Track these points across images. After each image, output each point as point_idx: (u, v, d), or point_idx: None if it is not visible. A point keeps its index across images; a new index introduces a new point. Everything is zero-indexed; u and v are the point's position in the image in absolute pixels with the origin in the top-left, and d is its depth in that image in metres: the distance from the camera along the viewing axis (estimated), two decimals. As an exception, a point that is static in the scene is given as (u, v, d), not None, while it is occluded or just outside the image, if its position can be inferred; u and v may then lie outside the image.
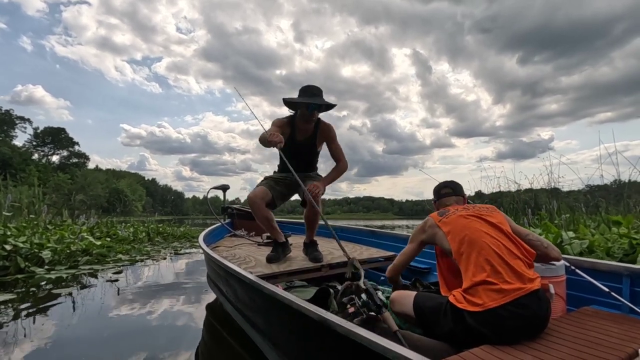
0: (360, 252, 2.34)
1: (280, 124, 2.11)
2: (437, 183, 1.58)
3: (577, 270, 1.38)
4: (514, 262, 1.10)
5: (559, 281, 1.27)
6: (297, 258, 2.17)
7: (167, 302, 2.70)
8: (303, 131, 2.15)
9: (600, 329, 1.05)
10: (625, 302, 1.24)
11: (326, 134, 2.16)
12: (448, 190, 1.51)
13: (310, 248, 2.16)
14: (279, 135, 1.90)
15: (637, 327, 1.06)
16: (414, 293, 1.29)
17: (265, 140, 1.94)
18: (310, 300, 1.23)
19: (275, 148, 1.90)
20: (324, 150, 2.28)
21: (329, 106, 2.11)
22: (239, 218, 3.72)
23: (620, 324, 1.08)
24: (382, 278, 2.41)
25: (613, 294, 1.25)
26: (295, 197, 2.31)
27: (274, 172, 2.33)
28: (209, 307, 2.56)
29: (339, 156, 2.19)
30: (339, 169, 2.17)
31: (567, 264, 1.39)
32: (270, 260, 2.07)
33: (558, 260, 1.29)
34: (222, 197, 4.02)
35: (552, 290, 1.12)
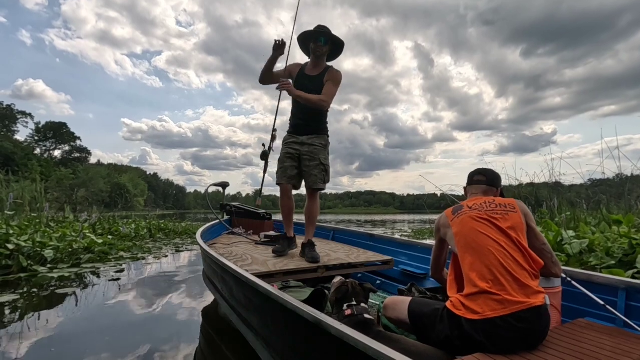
0: (358, 255, 2.34)
1: (292, 65, 2.27)
2: (433, 185, 1.60)
3: (573, 282, 1.37)
4: (520, 273, 1.07)
5: (554, 292, 1.26)
6: (294, 258, 2.18)
7: (167, 301, 2.73)
8: (312, 70, 2.24)
9: (594, 342, 1.05)
10: (620, 315, 1.23)
11: (331, 75, 2.20)
12: (481, 178, 1.41)
13: (307, 248, 2.17)
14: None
15: (631, 341, 1.05)
16: (408, 299, 1.27)
17: (264, 68, 2.19)
18: (305, 302, 1.24)
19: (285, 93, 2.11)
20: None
21: (337, 43, 2.22)
22: (238, 216, 3.73)
23: (614, 338, 1.08)
24: (378, 282, 2.42)
25: (608, 307, 1.25)
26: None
27: (287, 132, 2.35)
28: (206, 306, 2.59)
29: (326, 94, 2.16)
30: (318, 98, 2.13)
31: (564, 276, 1.38)
32: (276, 252, 2.21)
33: (557, 277, 1.28)
34: (223, 194, 4.03)
35: (548, 301, 1.12)
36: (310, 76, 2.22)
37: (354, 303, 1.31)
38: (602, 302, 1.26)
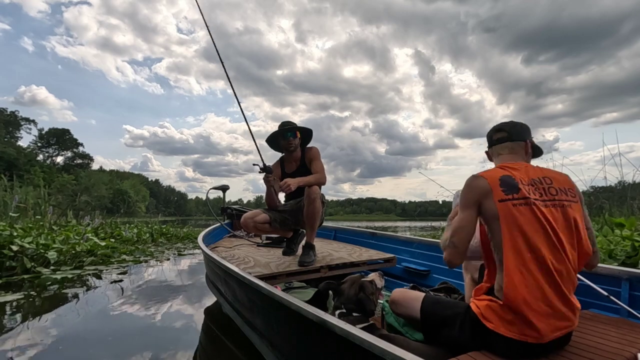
0: (360, 253, 2.35)
1: (273, 165, 2.41)
2: (437, 185, 1.51)
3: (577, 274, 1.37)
4: (568, 289, 0.94)
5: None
6: (297, 259, 2.18)
7: (169, 303, 2.72)
8: (290, 163, 2.39)
9: (599, 333, 1.05)
10: (624, 306, 1.24)
11: (310, 154, 2.34)
12: (502, 135, 1.15)
13: (304, 249, 2.18)
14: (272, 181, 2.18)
15: (636, 331, 1.06)
16: (420, 295, 1.20)
17: (266, 196, 2.30)
18: (308, 302, 1.24)
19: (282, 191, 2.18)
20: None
21: (306, 131, 2.35)
22: (239, 219, 3.73)
23: (618, 328, 1.08)
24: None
25: (612, 297, 1.26)
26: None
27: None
28: (208, 309, 2.58)
29: (318, 171, 2.28)
30: (316, 177, 2.23)
31: None
32: (286, 254, 2.30)
33: (592, 268, 1.11)
34: (223, 198, 4.05)
35: None
36: (291, 174, 2.34)
37: (344, 311, 1.30)
38: (605, 293, 1.26)
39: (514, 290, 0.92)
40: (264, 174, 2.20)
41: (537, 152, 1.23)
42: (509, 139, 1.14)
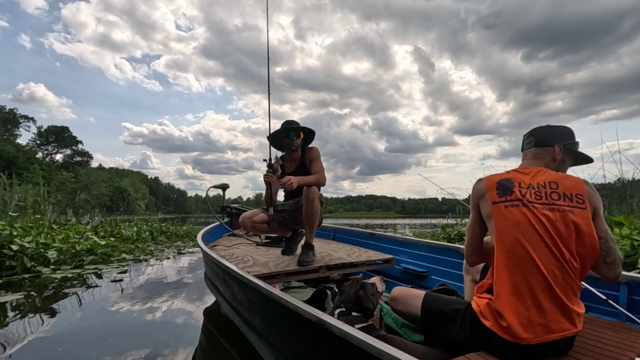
0: (359, 254, 2.35)
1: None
2: (436, 186, 1.53)
3: None
4: (564, 293, 0.92)
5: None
6: (296, 259, 2.18)
7: (168, 302, 2.73)
8: (290, 163, 2.38)
9: (597, 337, 1.06)
10: (622, 310, 1.24)
11: (310, 155, 2.33)
12: (530, 140, 1.18)
13: (303, 249, 2.18)
14: (270, 177, 2.19)
15: (634, 336, 1.07)
16: (421, 293, 1.19)
17: (266, 196, 2.28)
18: (307, 302, 1.24)
19: (282, 188, 2.18)
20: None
21: (308, 132, 2.33)
22: (238, 217, 3.73)
23: (617, 332, 1.09)
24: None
25: (610, 301, 1.26)
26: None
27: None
28: (207, 308, 2.59)
29: (318, 172, 2.28)
30: (316, 177, 2.22)
31: None
32: (285, 253, 2.29)
33: (609, 282, 1.05)
34: (223, 196, 4.05)
35: None
36: (291, 172, 2.33)
37: (344, 310, 1.29)
38: (604, 297, 1.26)
39: (500, 288, 0.96)
40: (266, 171, 2.19)
41: (580, 159, 1.19)
42: (535, 144, 1.17)
